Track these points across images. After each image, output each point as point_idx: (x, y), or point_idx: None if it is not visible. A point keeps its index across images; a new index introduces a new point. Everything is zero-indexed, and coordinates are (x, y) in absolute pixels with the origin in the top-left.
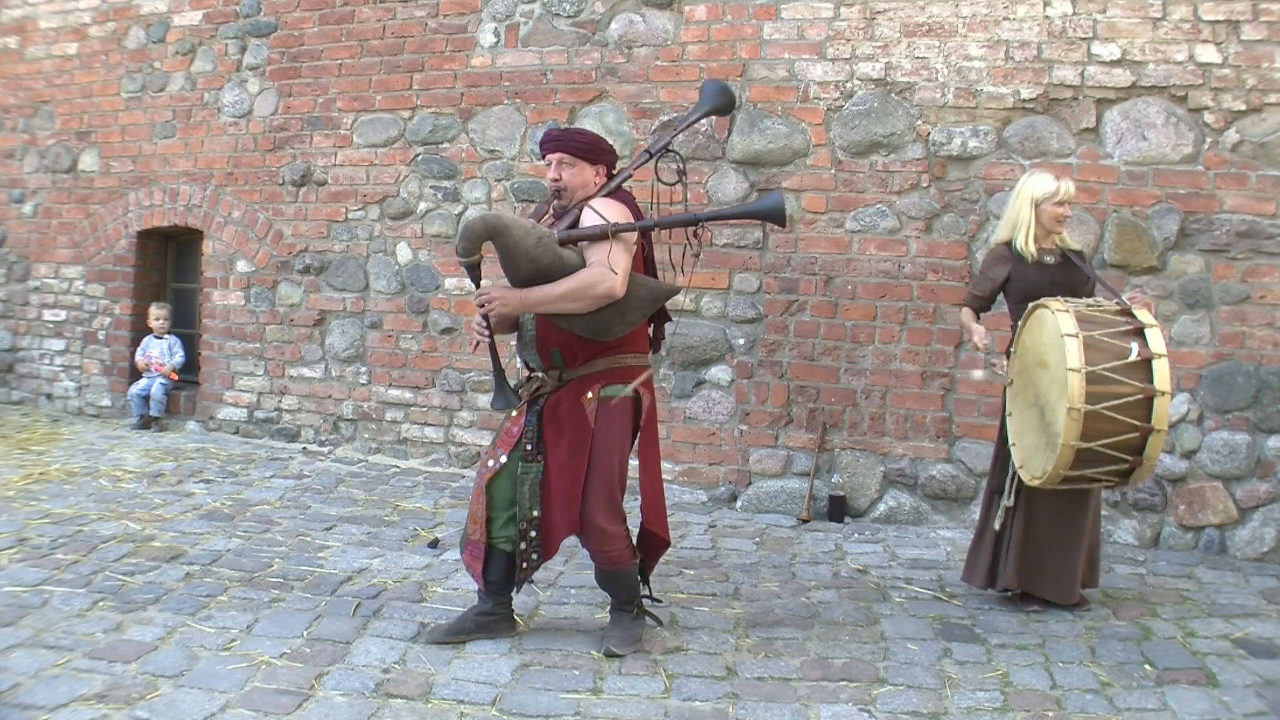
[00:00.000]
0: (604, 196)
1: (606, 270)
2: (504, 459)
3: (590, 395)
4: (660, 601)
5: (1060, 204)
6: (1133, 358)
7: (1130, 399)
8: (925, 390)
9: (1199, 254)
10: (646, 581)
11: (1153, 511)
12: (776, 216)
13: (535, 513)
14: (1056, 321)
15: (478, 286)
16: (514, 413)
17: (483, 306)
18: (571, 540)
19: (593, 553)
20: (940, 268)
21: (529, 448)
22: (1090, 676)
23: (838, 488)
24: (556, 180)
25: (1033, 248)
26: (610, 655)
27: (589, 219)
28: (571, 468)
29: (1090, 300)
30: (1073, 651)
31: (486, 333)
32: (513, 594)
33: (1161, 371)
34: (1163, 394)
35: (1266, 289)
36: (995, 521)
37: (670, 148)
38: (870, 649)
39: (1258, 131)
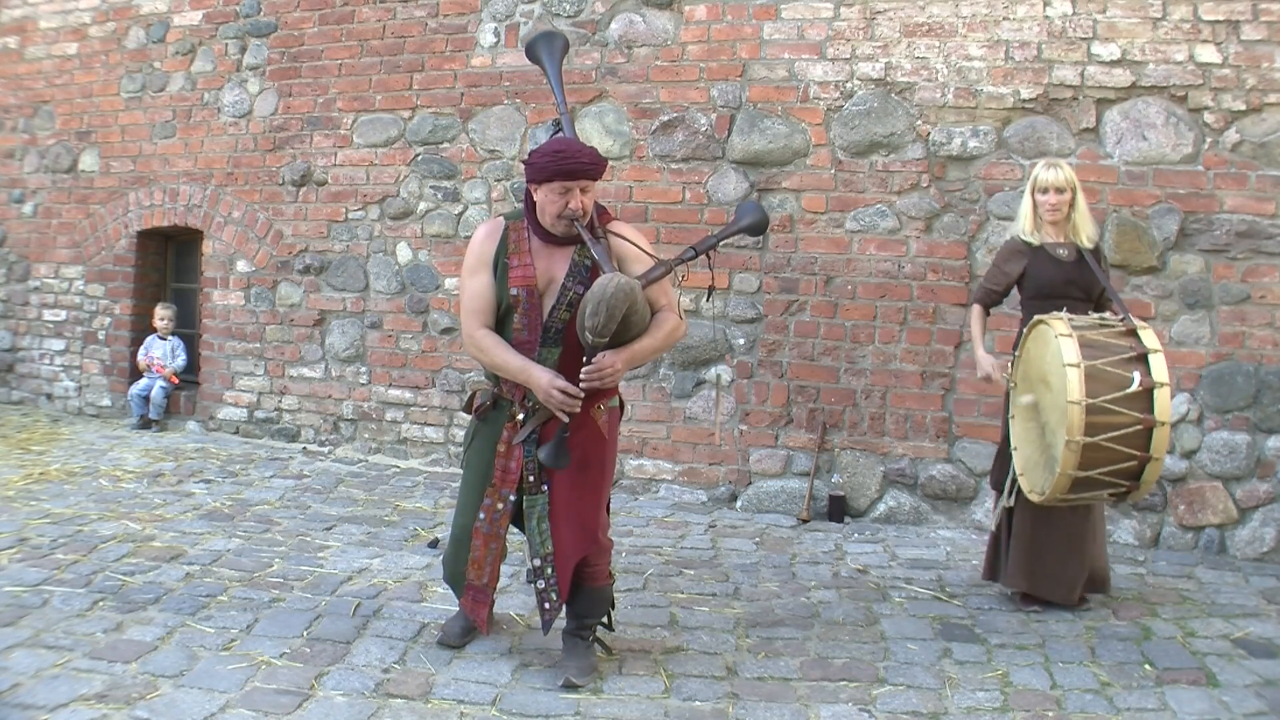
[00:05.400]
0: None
1: (678, 316)
2: (512, 498)
3: (601, 407)
4: (614, 630)
5: (1044, 192)
6: (1134, 388)
7: (1130, 429)
8: (925, 390)
9: (1199, 254)
10: (612, 606)
11: (1153, 511)
12: (761, 228)
13: (549, 548)
14: (1059, 348)
15: (590, 361)
16: (501, 448)
17: (606, 379)
18: None
19: (587, 570)
20: (940, 268)
21: (531, 479)
22: (1090, 676)
23: (838, 488)
24: (577, 209)
25: (1033, 236)
26: (569, 687)
27: (626, 250)
28: (585, 483)
29: (1098, 318)
30: (1073, 651)
31: (581, 398)
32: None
33: (1163, 402)
34: (1162, 424)
35: (1266, 289)
36: (992, 522)
37: (697, 251)
38: (870, 649)
39: (1258, 131)
